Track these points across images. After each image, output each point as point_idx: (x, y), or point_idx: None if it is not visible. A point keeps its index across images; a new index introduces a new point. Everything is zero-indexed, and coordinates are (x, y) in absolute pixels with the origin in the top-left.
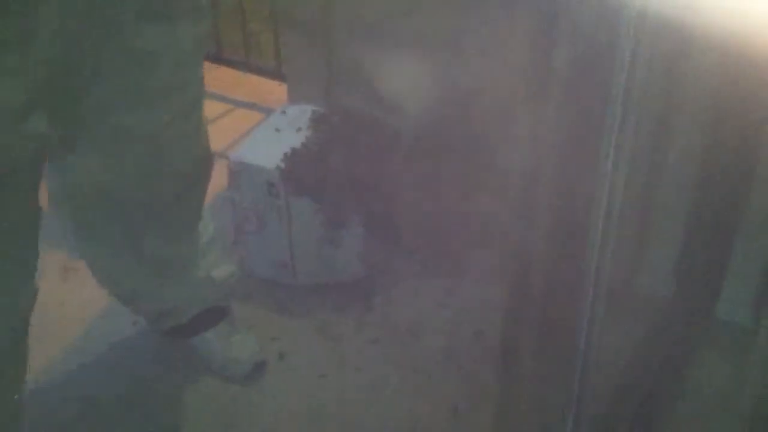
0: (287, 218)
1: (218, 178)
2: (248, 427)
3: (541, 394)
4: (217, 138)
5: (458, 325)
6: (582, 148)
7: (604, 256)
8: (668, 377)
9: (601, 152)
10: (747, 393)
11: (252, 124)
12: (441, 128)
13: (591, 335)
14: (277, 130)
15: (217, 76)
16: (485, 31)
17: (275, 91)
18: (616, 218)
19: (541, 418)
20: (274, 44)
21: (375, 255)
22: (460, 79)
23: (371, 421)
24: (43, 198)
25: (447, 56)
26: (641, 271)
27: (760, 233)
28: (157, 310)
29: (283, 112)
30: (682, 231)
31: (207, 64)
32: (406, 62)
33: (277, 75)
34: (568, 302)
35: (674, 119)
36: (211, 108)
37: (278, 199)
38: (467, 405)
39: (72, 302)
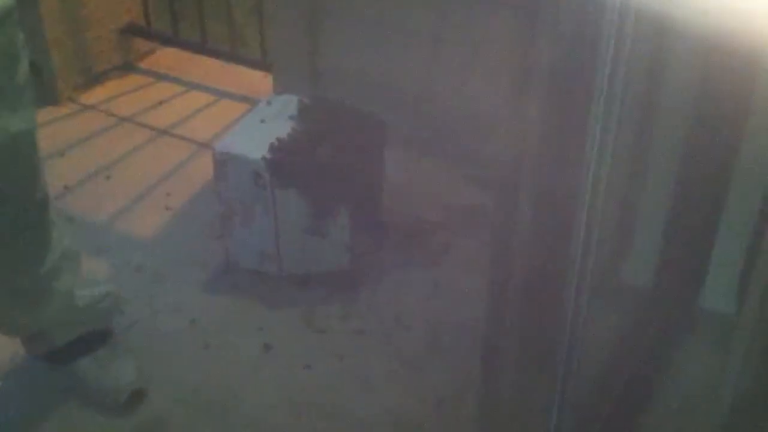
0: (273, 209)
1: (204, 169)
2: (233, 419)
3: (524, 386)
4: (203, 129)
5: (444, 317)
6: (564, 141)
7: (587, 248)
8: (651, 366)
9: (585, 145)
10: (729, 382)
11: (238, 115)
12: (426, 119)
13: (574, 327)
14: (263, 120)
15: (202, 67)
16: (471, 25)
17: (261, 82)
18: (599, 211)
19: (525, 409)
20: (259, 35)
21: (361, 245)
22: (445, 72)
23: (356, 412)
24: None
25: (432, 48)
26: (624, 261)
27: (740, 222)
28: (23, 336)
29: (269, 103)
30: (664, 220)
31: (193, 55)
32: (392, 54)
33: (262, 66)
34: (551, 294)
35: (657, 114)
36: (196, 99)
37: (264, 189)
38: (452, 397)
39: None
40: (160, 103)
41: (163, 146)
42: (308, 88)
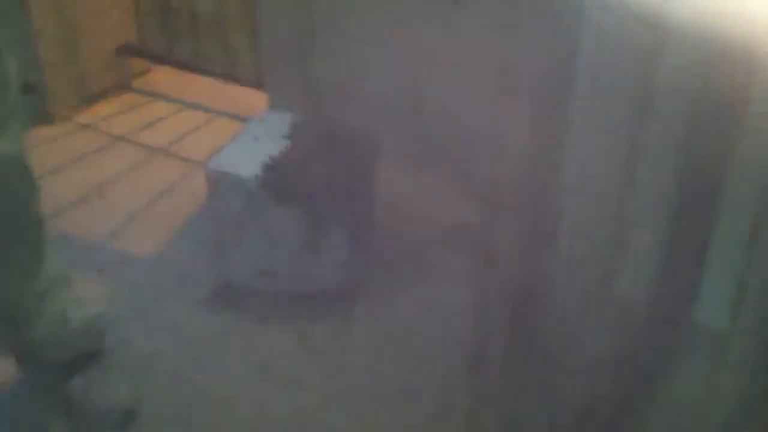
0: (267, 227)
1: (199, 188)
2: None
3: (514, 402)
4: (198, 147)
5: (437, 334)
6: (551, 153)
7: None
8: (645, 381)
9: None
10: (723, 395)
11: (232, 134)
12: (419, 135)
13: (563, 341)
14: (256, 138)
15: (197, 86)
16: (461, 42)
17: (255, 100)
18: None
19: (515, 425)
20: (253, 53)
21: (355, 263)
22: (438, 88)
23: (351, 430)
24: None
25: (424, 66)
26: (618, 276)
27: (734, 237)
28: (16, 355)
29: (262, 121)
30: (658, 235)
31: (187, 75)
32: (384, 70)
33: (256, 84)
34: (540, 309)
35: (648, 123)
36: (191, 118)
37: (257, 207)
38: (446, 413)
39: None
40: (155, 122)
41: (157, 165)
42: (302, 105)
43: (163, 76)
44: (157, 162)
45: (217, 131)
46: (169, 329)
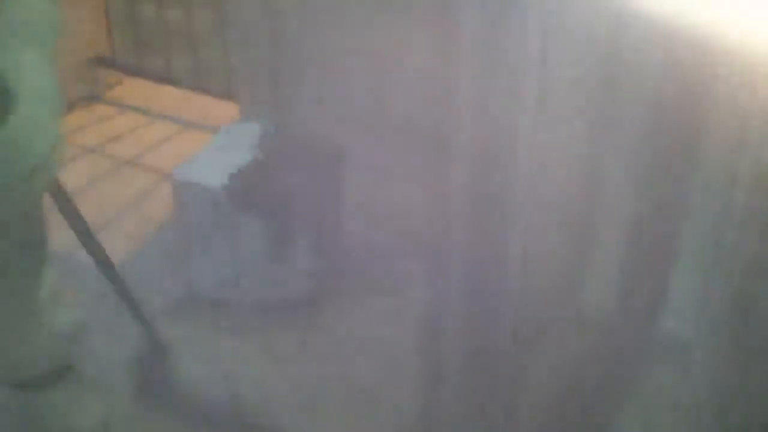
0: (233, 237)
1: (168, 198)
2: None
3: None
4: (168, 159)
5: (405, 343)
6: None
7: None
8: (614, 390)
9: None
10: (690, 403)
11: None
12: (386, 145)
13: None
14: (223, 148)
15: (168, 98)
16: (424, 54)
17: (227, 111)
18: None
19: None
20: (223, 64)
21: (322, 272)
22: (402, 100)
23: None
24: None
25: (390, 76)
26: (585, 286)
27: (700, 247)
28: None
29: (230, 131)
30: (623, 245)
31: (159, 86)
32: (352, 80)
33: (227, 95)
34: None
35: (608, 131)
36: (162, 129)
37: (223, 217)
38: (412, 423)
39: None
40: (126, 133)
41: (127, 176)
42: (272, 116)
43: (135, 88)
44: (127, 173)
45: (188, 143)
46: (133, 340)
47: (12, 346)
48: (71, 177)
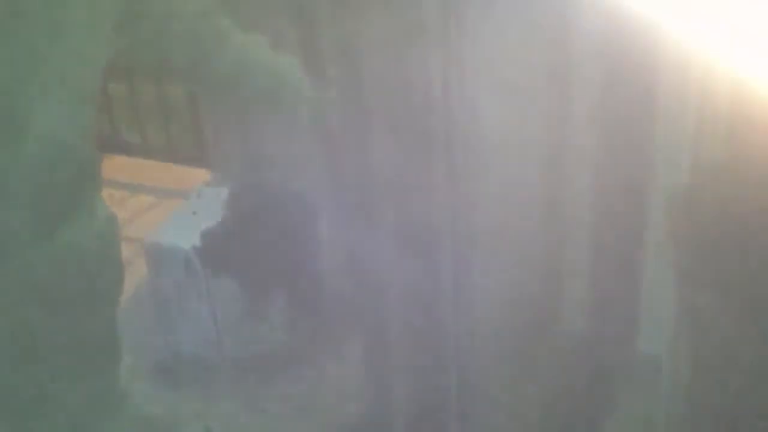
0: (208, 296)
1: (140, 265)
2: None
3: None
4: (147, 228)
5: (387, 391)
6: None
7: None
8: (589, 409)
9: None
10: (664, 422)
11: None
12: (358, 194)
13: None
14: (194, 212)
15: (143, 169)
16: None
17: (202, 177)
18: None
19: None
20: (195, 132)
21: (302, 324)
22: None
23: None
24: None
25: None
26: (558, 308)
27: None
28: None
29: (199, 195)
30: (592, 266)
31: (133, 159)
32: (316, 144)
33: (200, 162)
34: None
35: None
36: (140, 201)
37: (197, 277)
38: None
39: None
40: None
41: None
42: (243, 175)
43: (110, 162)
44: None
45: (165, 211)
46: None
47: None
48: None
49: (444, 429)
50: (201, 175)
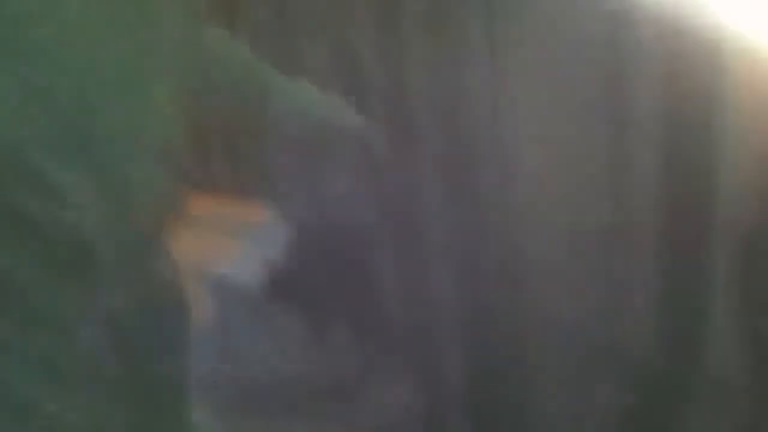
0: (271, 328)
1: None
2: None
3: None
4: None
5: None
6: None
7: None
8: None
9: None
10: None
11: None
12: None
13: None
14: (257, 246)
15: (205, 201)
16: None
17: (263, 211)
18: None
19: None
20: (258, 166)
21: (367, 353)
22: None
23: None
24: None
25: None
26: (624, 332)
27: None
28: None
29: (261, 229)
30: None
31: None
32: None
33: (263, 195)
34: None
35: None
36: (200, 234)
37: (260, 312)
38: None
39: None
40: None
41: None
42: (306, 211)
43: None
44: None
45: (226, 245)
46: None
47: None
48: None
49: None
50: (263, 208)
